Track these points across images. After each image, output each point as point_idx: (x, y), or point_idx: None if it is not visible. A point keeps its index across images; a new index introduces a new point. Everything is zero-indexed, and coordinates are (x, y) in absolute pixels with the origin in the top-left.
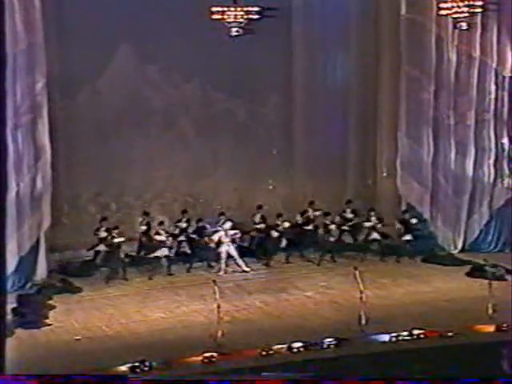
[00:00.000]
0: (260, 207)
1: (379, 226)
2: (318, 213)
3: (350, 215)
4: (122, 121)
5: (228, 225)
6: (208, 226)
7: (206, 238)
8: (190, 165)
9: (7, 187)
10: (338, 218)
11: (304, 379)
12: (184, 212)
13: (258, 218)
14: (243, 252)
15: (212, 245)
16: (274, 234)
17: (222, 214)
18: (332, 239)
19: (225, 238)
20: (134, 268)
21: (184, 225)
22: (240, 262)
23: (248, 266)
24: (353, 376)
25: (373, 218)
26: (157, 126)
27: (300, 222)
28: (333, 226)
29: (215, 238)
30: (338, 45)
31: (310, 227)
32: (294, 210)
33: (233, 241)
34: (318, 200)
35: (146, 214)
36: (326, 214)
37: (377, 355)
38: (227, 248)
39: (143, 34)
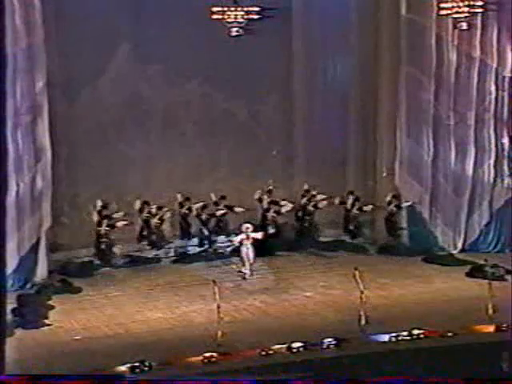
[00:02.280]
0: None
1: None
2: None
3: (348, 206)
4: (122, 121)
5: (248, 225)
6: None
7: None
8: (190, 165)
9: (7, 187)
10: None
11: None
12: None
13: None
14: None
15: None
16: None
17: (223, 197)
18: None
19: (246, 241)
20: (134, 268)
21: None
22: (248, 265)
23: (252, 273)
24: (353, 376)
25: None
26: (157, 125)
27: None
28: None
29: (237, 239)
30: (337, 45)
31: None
32: (294, 209)
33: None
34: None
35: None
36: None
37: (377, 355)
38: (246, 250)
39: (143, 34)
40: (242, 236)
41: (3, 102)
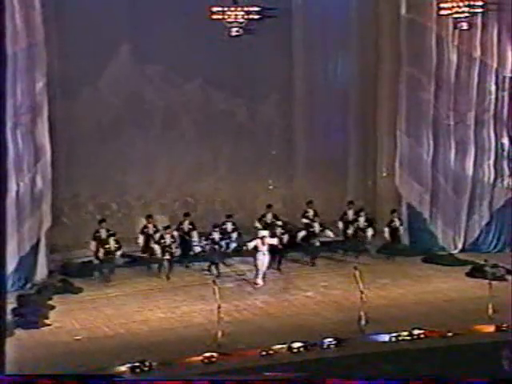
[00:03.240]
0: (270, 206)
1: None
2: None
3: (351, 217)
4: (122, 121)
5: (265, 233)
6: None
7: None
8: (190, 165)
9: (7, 187)
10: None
11: (304, 379)
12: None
13: (269, 218)
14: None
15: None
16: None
17: (230, 216)
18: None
19: (261, 247)
20: (134, 268)
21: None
22: (261, 273)
23: (264, 280)
24: (353, 376)
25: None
26: (157, 125)
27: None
28: (329, 232)
29: (251, 245)
30: (338, 45)
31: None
32: (294, 209)
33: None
34: (317, 200)
35: (187, 214)
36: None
37: (377, 355)
38: (263, 257)
39: (143, 34)
40: (257, 241)
41: (3, 101)
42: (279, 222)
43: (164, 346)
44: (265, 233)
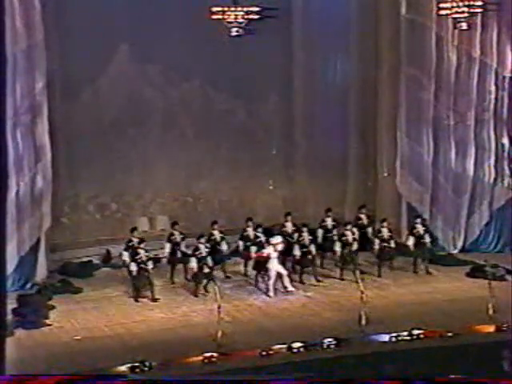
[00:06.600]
0: (289, 214)
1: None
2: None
3: (365, 221)
4: (122, 121)
5: (278, 239)
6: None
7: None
8: (190, 164)
9: (7, 187)
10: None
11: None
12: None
13: (289, 227)
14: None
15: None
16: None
17: (250, 219)
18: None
19: (273, 254)
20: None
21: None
22: (287, 280)
23: (293, 286)
24: (353, 376)
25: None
26: (157, 126)
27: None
28: (350, 238)
29: (265, 252)
30: (338, 45)
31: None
32: (295, 210)
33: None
34: (317, 201)
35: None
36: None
37: (377, 355)
38: (276, 266)
39: (143, 34)
40: (270, 249)
41: (3, 101)
42: (305, 229)
43: (164, 346)
44: (279, 239)
